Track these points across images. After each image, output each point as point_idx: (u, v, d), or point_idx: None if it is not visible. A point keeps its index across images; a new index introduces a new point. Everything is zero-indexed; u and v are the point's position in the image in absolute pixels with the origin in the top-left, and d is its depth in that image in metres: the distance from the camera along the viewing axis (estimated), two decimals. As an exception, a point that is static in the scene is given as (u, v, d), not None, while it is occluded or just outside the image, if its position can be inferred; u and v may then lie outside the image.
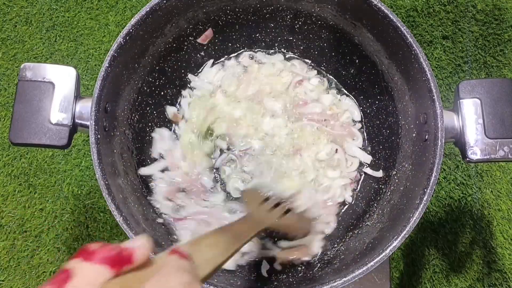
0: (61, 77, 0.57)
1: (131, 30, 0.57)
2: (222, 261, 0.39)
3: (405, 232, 0.52)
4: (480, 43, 1.12)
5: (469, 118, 0.56)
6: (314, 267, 0.63)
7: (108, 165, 0.56)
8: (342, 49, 0.73)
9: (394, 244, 0.52)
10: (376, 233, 0.61)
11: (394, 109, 0.68)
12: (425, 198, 0.53)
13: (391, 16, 0.57)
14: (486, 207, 1.01)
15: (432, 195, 0.53)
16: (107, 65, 0.55)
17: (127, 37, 0.57)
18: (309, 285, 0.54)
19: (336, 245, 0.66)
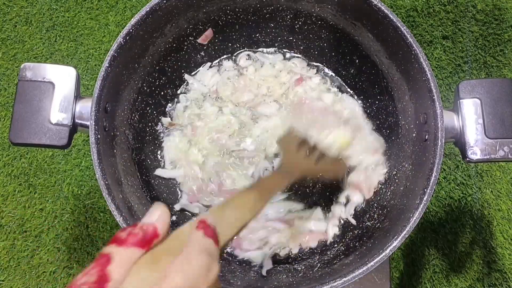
0: (61, 77, 0.57)
1: (131, 30, 0.57)
2: (247, 221, 0.40)
3: (405, 232, 0.52)
4: (480, 43, 1.12)
5: (469, 118, 0.56)
6: (314, 267, 0.63)
7: (108, 165, 0.56)
8: (342, 49, 0.73)
9: (394, 244, 0.52)
10: (376, 233, 0.61)
11: (394, 109, 0.68)
12: (425, 198, 0.53)
13: (391, 16, 0.57)
14: (486, 207, 1.01)
15: (432, 195, 0.53)
16: (107, 65, 0.55)
17: (127, 37, 0.57)
18: (309, 285, 0.54)
19: (336, 245, 0.66)
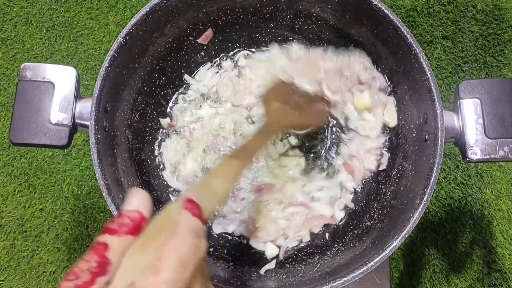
0: (61, 77, 0.57)
1: (131, 30, 0.57)
2: (230, 189, 0.41)
3: (405, 232, 0.52)
4: (480, 43, 1.12)
5: (469, 118, 0.56)
6: (314, 267, 0.63)
7: (108, 165, 0.56)
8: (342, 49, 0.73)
9: (394, 244, 0.52)
10: (376, 233, 0.61)
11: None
12: (425, 198, 0.53)
13: (391, 16, 0.57)
14: (486, 207, 1.01)
15: (432, 195, 0.53)
16: (107, 65, 0.55)
17: (127, 37, 0.57)
18: (309, 285, 0.54)
19: (336, 245, 0.66)
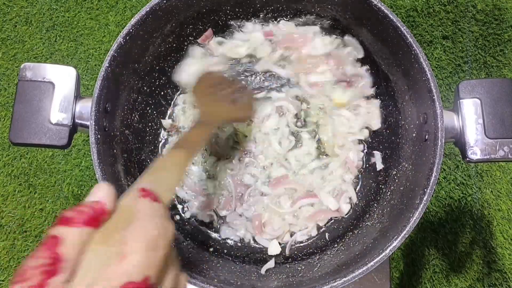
0: (61, 77, 0.57)
1: (131, 30, 0.57)
2: (179, 179, 0.42)
3: (405, 232, 0.52)
4: (480, 43, 1.12)
5: (469, 118, 0.56)
6: (314, 267, 0.63)
7: (108, 165, 0.56)
8: (342, 49, 0.73)
9: (394, 244, 0.52)
10: (376, 233, 0.61)
11: (394, 109, 0.68)
12: (425, 198, 0.53)
13: (391, 16, 0.57)
14: (486, 207, 1.01)
15: (432, 195, 0.53)
16: (107, 65, 0.55)
17: (127, 37, 0.57)
18: (309, 285, 0.54)
19: (336, 245, 0.66)
